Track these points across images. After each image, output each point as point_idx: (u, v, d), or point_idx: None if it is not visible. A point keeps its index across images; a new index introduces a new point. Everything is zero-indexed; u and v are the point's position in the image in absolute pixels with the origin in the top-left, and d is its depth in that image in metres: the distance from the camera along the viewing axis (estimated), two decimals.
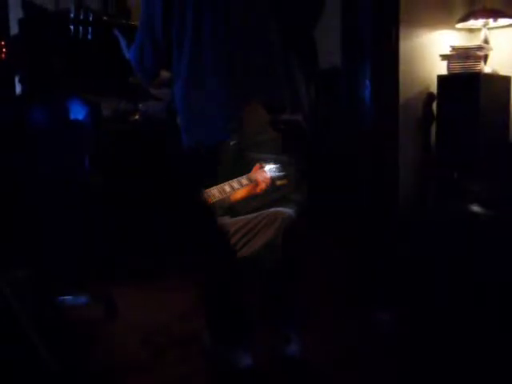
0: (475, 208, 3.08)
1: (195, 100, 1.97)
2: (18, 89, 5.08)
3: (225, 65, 1.93)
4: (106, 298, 2.84)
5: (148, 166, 3.41)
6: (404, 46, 3.23)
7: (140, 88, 4.33)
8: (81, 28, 2.50)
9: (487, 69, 3.45)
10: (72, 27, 2.49)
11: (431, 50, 3.46)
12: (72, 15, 2.47)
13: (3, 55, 4.76)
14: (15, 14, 5.32)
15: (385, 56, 3.17)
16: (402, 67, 3.23)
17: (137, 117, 3.72)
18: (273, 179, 1.96)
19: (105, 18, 2.57)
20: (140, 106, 3.79)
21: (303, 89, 2.05)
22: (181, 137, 3.23)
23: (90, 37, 2.55)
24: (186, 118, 2.04)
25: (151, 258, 3.39)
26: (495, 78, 3.50)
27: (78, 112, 3.11)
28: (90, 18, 2.48)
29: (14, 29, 5.29)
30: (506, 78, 3.54)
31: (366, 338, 2.56)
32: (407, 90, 3.30)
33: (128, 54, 2.28)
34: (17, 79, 5.07)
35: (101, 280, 3.02)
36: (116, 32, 2.42)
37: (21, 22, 5.14)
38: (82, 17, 2.48)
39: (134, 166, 3.36)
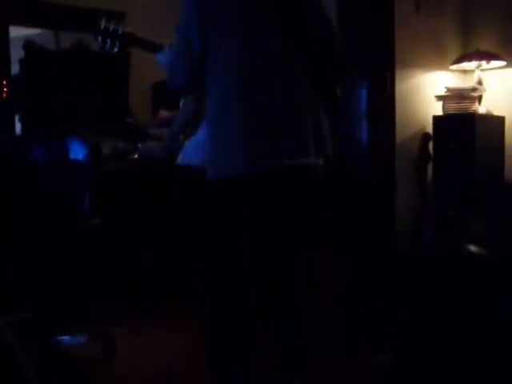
0: (471, 247, 3.10)
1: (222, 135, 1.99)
2: (19, 127, 5.14)
3: (254, 115, 1.94)
4: (105, 337, 2.83)
5: (147, 205, 3.43)
6: (400, 87, 3.29)
7: (139, 128, 4.39)
8: (108, 40, 2.53)
9: (481, 109, 3.52)
10: (100, 38, 2.52)
11: (426, 91, 3.52)
12: (102, 26, 2.52)
13: (4, 94, 4.82)
14: (16, 53, 5.41)
15: (381, 97, 3.22)
16: (398, 108, 3.28)
17: (135, 156, 3.75)
18: None
19: (135, 34, 2.60)
20: (139, 145, 3.82)
21: (328, 133, 2.10)
22: (178, 176, 3.28)
23: (116, 50, 2.58)
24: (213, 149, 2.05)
25: (149, 296, 3.38)
26: (489, 119, 3.57)
27: (77, 152, 3.15)
28: (119, 32, 2.53)
29: (15, 68, 5.37)
30: (499, 119, 3.61)
31: (366, 379, 2.55)
32: (403, 130, 3.35)
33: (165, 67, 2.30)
34: (17, 118, 5.13)
35: (99, 319, 3.02)
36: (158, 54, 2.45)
37: (22, 62, 5.23)
38: (111, 29, 2.52)
39: (133, 206, 3.38)
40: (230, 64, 1.94)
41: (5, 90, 4.84)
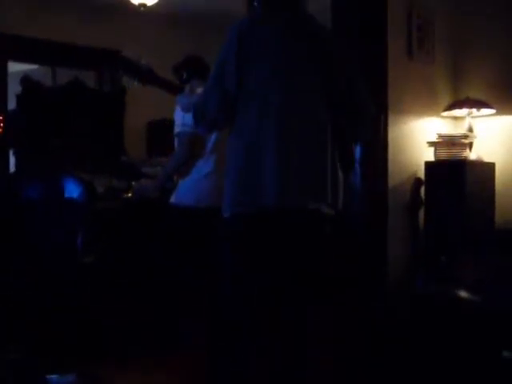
0: (462, 293, 3.12)
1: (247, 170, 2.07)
2: (13, 162, 5.15)
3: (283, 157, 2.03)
4: (93, 377, 2.81)
5: (141, 243, 3.43)
6: (392, 132, 3.33)
7: (133, 167, 4.42)
8: (130, 74, 2.57)
9: (472, 155, 3.57)
10: (121, 71, 2.56)
11: (418, 136, 3.58)
12: (125, 59, 2.55)
13: (0, 129, 4.84)
14: (14, 88, 5.46)
15: (374, 142, 3.26)
16: (390, 153, 3.32)
17: (129, 195, 3.77)
18: None
19: (155, 72, 2.64)
20: (133, 184, 3.83)
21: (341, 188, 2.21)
22: (172, 215, 3.28)
23: (136, 84, 2.62)
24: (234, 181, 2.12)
25: (140, 335, 3.36)
26: (480, 165, 3.62)
27: (72, 190, 3.16)
28: (143, 68, 2.57)
29: (12, 103, 5.41)
30: (490, 165, 3.66)
31: None
32: (396, 175, 3.38)
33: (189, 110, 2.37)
34: (12, 153, 5.15)
35: (88, 359, 2.99)
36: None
37: (18, 97, 5.27)
38: (133, 65, 2.56)
39: (127, 244, 3.38)
40: (265, 108, 2.03)
41: (0, 125, 4.87)
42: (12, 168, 5.04)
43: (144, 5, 5.03)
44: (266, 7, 2.21)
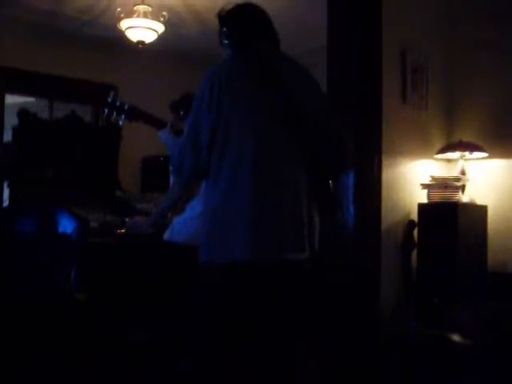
0: (454, 337, 3.11)
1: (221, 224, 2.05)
2: (7, 194, 5.15)
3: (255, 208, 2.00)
4: None
5: (134, 280, 3.41)
6: (386, 174, 3.36)
7: (127, 203, 4.42)
8: (115, 114, 2.60)
9: (465, 198, 3.61)
10: (106, 111, 2.60)
11: (412, 178, 3.61)
12: (110, 100, 2.59)
13: None
14: (11, 120, 5.49)
15: (368, 184, 3.29)
16: (384, 194, 3.34)
17: (123, 231, 3.76)
18: None
19: (140, 109, 2.67)
20: (127, 220, 3.83)
21: (317, 229, 2.16)
22: (165, 252, 3.27)
23: (121, 123, 2.66)
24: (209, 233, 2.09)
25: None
26: (472, 207, 3.66)
27: (66, 225, 3.16)
28: (126, 107, 2.60)
29: (9, 135, 5.44)
30: (482, 207, 3.70)
31: None
32: (389, 216, 3.39)
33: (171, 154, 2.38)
34: (6, 185, 5.15)
35: None
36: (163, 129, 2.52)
37: (15, 130, 5.30)
38: (118, 103, 2.60)
39: (121, 281, 3.36)
40: (241, 156, 2.01)
41: None
42: (6, 200, 5.04)
43: (142, 42, 5.11)
44: (235, 51, 2.22)
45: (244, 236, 1.97)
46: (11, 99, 6.16)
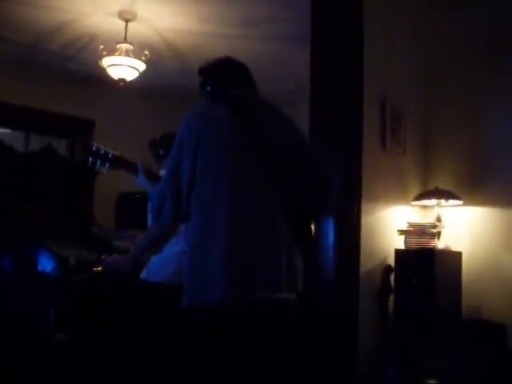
0: (431, 382, 3.15)
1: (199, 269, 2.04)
2: None
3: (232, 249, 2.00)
4: None
5: (112, 319, 3.37)
6: (365, 219, 3.41)
7: (103, 239, 4.39)
8: (99, 162, 2.61)
9: (441, 244, 3.68)
10: (90, 159, 2.61)
11: (389, 224, 3.67)
12: (94, 148, 2.60)
13: None
14: None
15: (348, 228, 3.34)
16: (362, 239, 3.38)
17: (99, 268, 3.73)
18: None
19: (122, 157, 2.68)
20: (103, 257, 3.81)
21: (299, 270, 2.16)
22: (144, 291, 3.24)
23: (105, 172, 2.67)
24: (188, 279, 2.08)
25: None
26: (448, 254, 3.73)
27: (46, 264, 3.12)
28: (110, 155, 2.62)
29: None
30: (457, 254, 3.77)
31: None
32: (367, 261, 3.43)
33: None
34: None
35: None
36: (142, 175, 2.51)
37: None
38: (102, 152, 2.61)
39: (98, 320, 3.32)
40: (216, 194, 2.02)
41: None
42: None
43: (124, 80, 5.14)
44: (213, 98, 2.24)
45: (218, 278, 1.97)
46: None
